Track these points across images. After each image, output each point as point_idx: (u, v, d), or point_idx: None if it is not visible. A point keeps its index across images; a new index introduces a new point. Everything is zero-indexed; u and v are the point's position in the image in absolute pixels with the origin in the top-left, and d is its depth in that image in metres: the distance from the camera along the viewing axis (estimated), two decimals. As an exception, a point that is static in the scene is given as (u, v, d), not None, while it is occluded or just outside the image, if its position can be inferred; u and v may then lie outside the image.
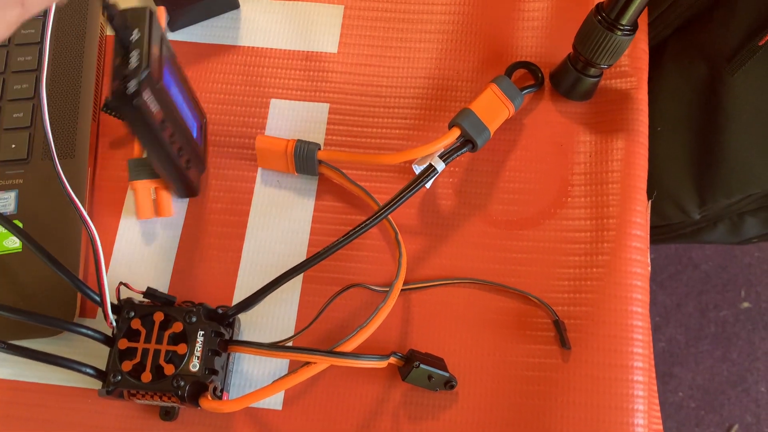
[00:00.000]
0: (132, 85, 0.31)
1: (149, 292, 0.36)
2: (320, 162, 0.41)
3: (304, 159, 0.41)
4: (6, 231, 0.40)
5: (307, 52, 0.46)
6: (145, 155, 0.41)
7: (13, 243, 0.40)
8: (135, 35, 0.32)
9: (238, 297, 0.40)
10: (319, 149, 0.41)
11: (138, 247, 0.41)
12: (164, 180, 0.40)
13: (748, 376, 1.17)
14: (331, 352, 0.34)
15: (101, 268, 0.34)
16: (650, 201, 0.44)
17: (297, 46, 0.46)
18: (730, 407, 1.15)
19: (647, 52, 0.45)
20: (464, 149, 0.39)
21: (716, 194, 0.57)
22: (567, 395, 0.37)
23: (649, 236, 0.41)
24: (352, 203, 0.42)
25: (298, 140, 0.41)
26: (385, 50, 0.46)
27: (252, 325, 0.39)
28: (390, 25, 0.47)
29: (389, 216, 0.38)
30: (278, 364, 0.39)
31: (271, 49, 0.46)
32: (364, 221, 0.37)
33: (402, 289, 0.39)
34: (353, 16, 0.47)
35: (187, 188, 0.41)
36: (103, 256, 0.34)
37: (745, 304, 1.21)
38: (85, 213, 0.34)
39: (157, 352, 0.34)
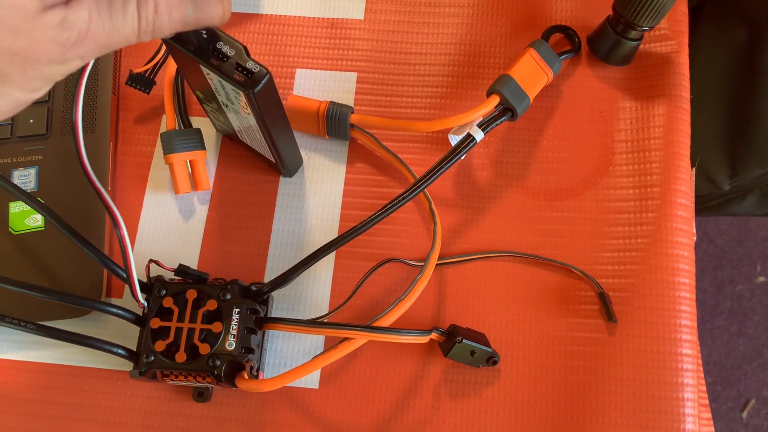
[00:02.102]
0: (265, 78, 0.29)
1: (181, 269, 0.35)
2: (352, 126, 0.40)
3: (336, 121, 0.39)
4: (27, 209, 0.39)
5: (333, 19, 0.44)
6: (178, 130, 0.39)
7: (35, 221, 0.39)
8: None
9: (270, 273, 0.39)
10: (352, 113, 0.39)
11: (164, 223, 0.40)
12: (278, 159, 0.38)
13: (764, 350, 1.16)
14: (371, 327, 0.33)
15: (127, 249, 0.32)
16: (694, 168, 0.42)
17: (322, 13, 0.44)
18: (746, 382, 1.14)
19: (687, 14, 0.43)
20: (503, 118, 0.37)
21: (749, 164, 0.55)
22: (613, 370, 0.36)
23: (694, 204, 0.39)
24: (384, 171, 0.41)
25: (331, 102, 0.39)
26: (413, 16, 0.44)
27: (285, 303, 0.38)
28: (418, -10, 0.45)
29: (425, 188, 0.37)
30: (313, 342, 0.37)
31: (295, 17, 0.44)
32: (401, 195, 0.35)
33: (438, 264, 0.38)
34: (379, -18, 0.45)
35: (296, 164, 0.40)
36: (128, 235, 0.33)
37: (761, 279, 1.20)
38: (106, 194, 0.32)
39: (191, 331, 0.33)
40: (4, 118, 0.23)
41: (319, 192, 0.40)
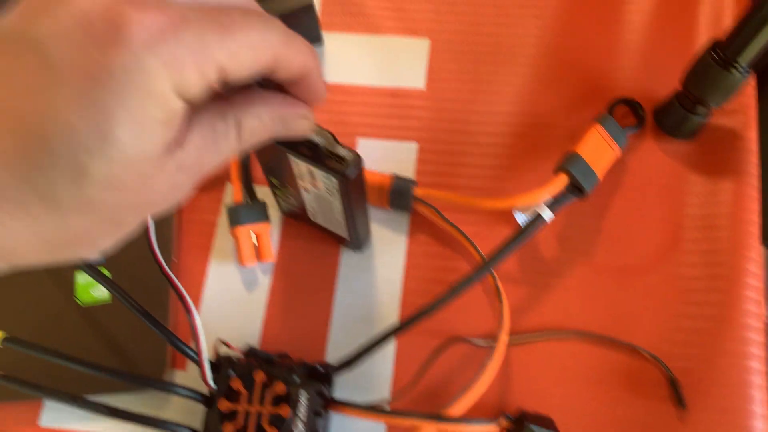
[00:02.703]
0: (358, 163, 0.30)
1: (250, 351, 0.35)
2: (415, 199, 0.40)
3: (399, 195, 0.39)
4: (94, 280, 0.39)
5: (394, 88, 0.44)
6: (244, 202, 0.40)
7: (101, 292, 0.39)
8: None
9: (332, 346, 0.39)
10: (416, 186, 0.39)
11: (228, 294, 0.40)
12: (353, 236, 0.38)
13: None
14: (438, 417, 0.32)
15: (199, 337, 0.32)
16: (764, 247, 0.41)
17: (383, 82, 0.44)
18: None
19: (755, 87, 0.42)
20: (572, 197, 0.37)
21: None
22: (685, 459, 0.35)
23: (764, 285, 0.39)
24: (446, 243, 0.40)
25: (395, 175, 0.39)
26: (475, 84, 0.44)
27: (345, 379, 0.38)
28: (479, 58, 0.45)
29: (490, 266, 0.36)
30: (375, 423, 0.37)
31: (357, 86, 0.44)
32: (468, 277, 0.35)
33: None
34: (440, 50, 0.45)
35: (368, 239, 0.40)
36: (198, 316, 0.33)
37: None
38: (176, 281, 0.33)
39: (259, 415, 0.33)
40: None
41: (381, 264, 0.40)
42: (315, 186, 0.33)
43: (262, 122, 0.24)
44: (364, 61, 0.45)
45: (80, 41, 0.18)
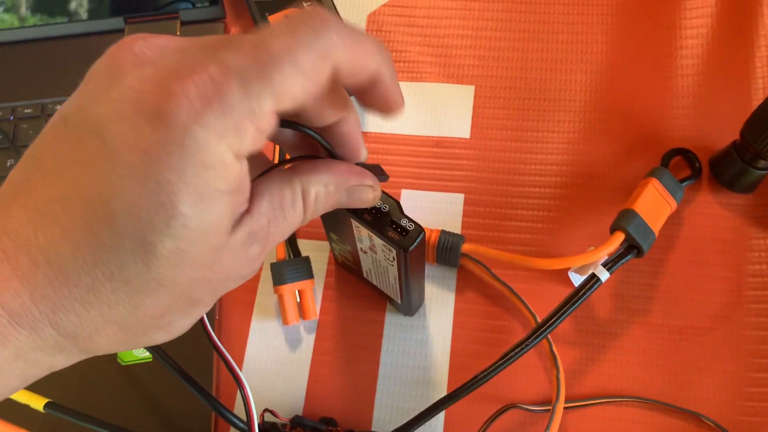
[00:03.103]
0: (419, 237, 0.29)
1: (297, 421, 0.34)
2: (463, 255, 0.38)
3: (447, 250, 0.38)
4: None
5: (438, 137, 0.43)
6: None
7: (143, 351, 0.38)
8: None
9: (378, 409, 0.37)
10: (464, 242, 0.38)
11: (271, 353, 0.39)
12: (406, 302, 0.37)
13: None
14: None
15: (250, 404, 0.31)
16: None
17: (427, 131, 0.43)
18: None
19: (816, 135, 0.40)
20: (629, 256, 0.36)
21: None
22: None
23: (834, 348, 0.37)
24: (495, 301, 0.39)
25: (443, 231, 0.38)
26: (521, 133, 0.43)
27: (394, 445, 0.37)
28: (525, 105, 0.43)
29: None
30: (427, 491, 0.36)
31: (400, 135, 0.43)
32: (522, 341, 0.33)
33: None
34: (485, 96, 0.44)
35: (416, 309, 0.39)
36: (248, 384, 0.32)
37: None
38: (229, 357, 0.32)
39: (308, 489, 0.32)
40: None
41: (428, 322, 0.39)
42: (373, 251, 0.32)
43: (328, 191, 0.23)
44: (408, 109, 0.44)
45: (132, 119, 0.18)
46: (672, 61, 0.43)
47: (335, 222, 0.33)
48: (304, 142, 0.26)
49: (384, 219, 0.29)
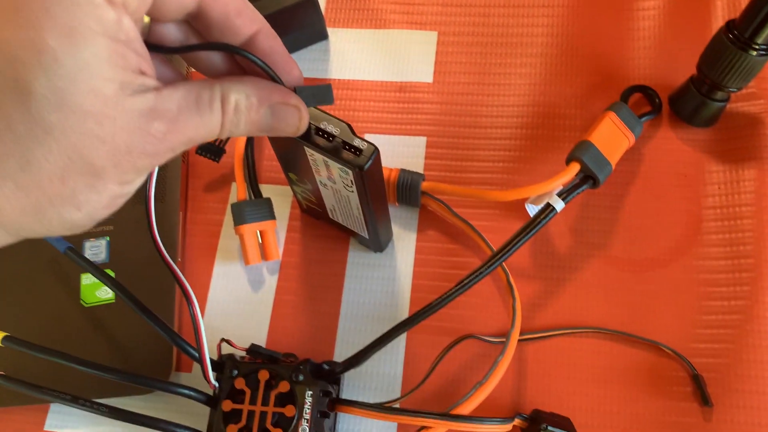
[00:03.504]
0: (373, 154, 0.29)
1: (253, 349, 0.34)
2: (423, 194, 0.39)
3: (407, 189, 0.38)
4: (98, 281, 0.38)
5: (401, 82, 0.43)
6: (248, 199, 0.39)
7: (106, 293, 0.38)
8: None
9: (340, 346, 0.38)
10: (424, 180, 0.38)
11: (234, 294, 0.39)
12: (374, 236, 0.37)
13: None
14: (449, 415, 0.31)
15: (200, 330, 0.31)
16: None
17: (389, 77, 0.44)
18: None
19: (777, 70, 0.40)
20: (584, 186, 0.36)
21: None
22: (711, 459, 0.33)
23: (792, 277, 0.37)
24: (456, 238, 0.39)
25: (402, 169, 0.38)
26: (483, 77, 0.43)
27: (355, 380, 0.37)
28: (487, 50, 0.44)
29: (501, 260, 0.35)
30: (387, 423, 0.36)
31: (363, 81, 0.44)
32: (477, 269, 0.34)
33: (518, 340, 0.36)
34: (448, 42, 0.44)
35: (385, 243, 0.39)
36: (200, 310, 0.32)
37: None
38: (179, 271, 0.32)
39: (263, 415, 0.32)
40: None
41: (390, 261, 0.39)
42: (332, 180, 0.32)
43: (250, 102, 0.23)
44: (370, 56, 0.44)
45: None
46: (632, 3, 0.43)
47: (293, 158, 0.33)
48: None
49: (337, 142, 0.29)
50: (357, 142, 0.29)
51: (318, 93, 0.26)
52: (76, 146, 0.19)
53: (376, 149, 0.29)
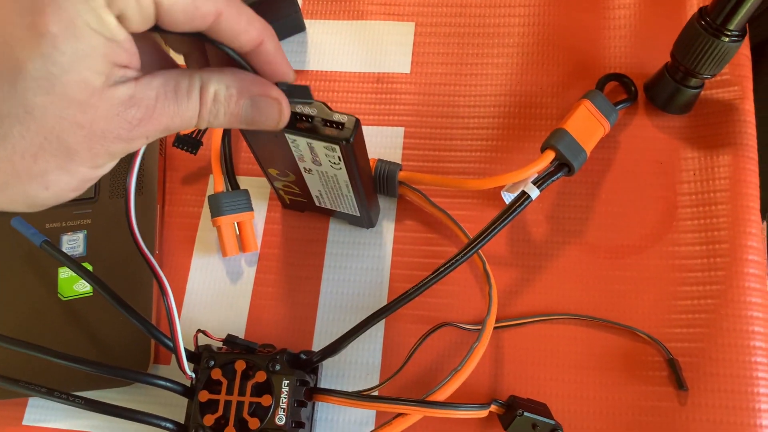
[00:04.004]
0: (356, 125, 0.29)
1: (229, 339, 0.34)
2: (401, 183, 0.39)
3: (384, 179, 0.38)
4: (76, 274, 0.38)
5: (379, 73, 0.43)
6: (224, 191, 0.39)
7: (84, 287, 0.38)
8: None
9: (319, 337, 0.38)
10: (401, 170, 0.38)
11: (212, 286, 0.39)
12: (365, 211, 0.37)
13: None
14: (425, 402, 0.31)
15: (174, 320, 0.31)
16: (765, 222, 0.40)
17: (367, 68, 0.44)
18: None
19: (750, 57, 0.41)
20: (559, 174, 0.36)
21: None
22: (686, 443, 0.34)
23: (767, 261, 0.37)
24: (434, 228, 0.39)
25: (379, 159, 0.38)
26: (461, 68, 0.43)
27: (334, 369, 0.37)
28: (465, 40, 0.44)
29: (478, 248, 0.35)
30: (366, 411, 0.36)
31: (341, 72, 0.44)
32: (453, 257, 0.34)
33: (496, 327, 0.36)
34: (425, 33, 0.44)
35: (375, 217, 0.39)
36: (175, 298, 0.32)
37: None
38: (155, 263, 0.32)
39: (240, 405, 0.32)
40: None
41: (368, 251, 0.39)
42: (317, 162, 0.32)
43: (230, 93, 0.23)
44: (348, 47, 0.44)
45: None
46: (609, -8, 0.44)
47: (272, 152, 0.33)
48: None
49: (317, 121, 0.29)
50: (337, 117, 0.29)
51: (298, 91, 0.27)
52: (54, 129, 0.19)
53: (357, 120, 0.29)
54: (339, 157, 0.30)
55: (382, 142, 0.42)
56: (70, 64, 0.19)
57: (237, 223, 0.39)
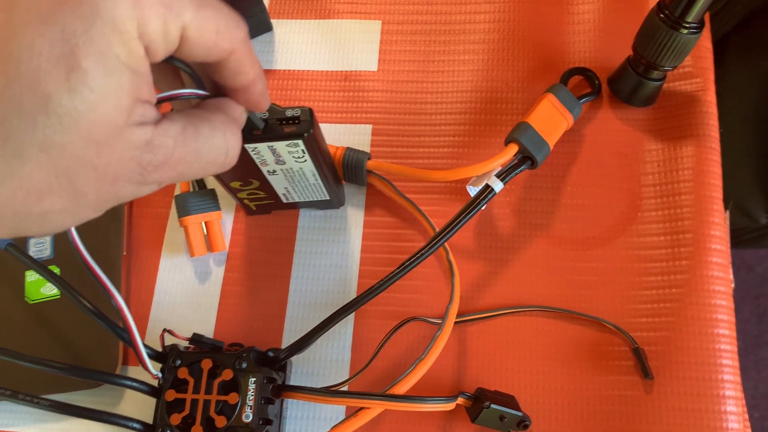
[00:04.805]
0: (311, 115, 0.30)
1: (195, 338, 0.34)
2: (369, 172, 0.39)
3: (352, 168, 0.38)
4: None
5: (346, 71, 0.43)
6: (192, 190, 0.39)
7: (51, 289, 0.38)
8: None
9: (288, 334, 0.38)
10: (369, 159, 0.38)
11: (180, 287, 0.39)
12: (333, 192, 0.37)
13: (814, 382, 1.11)
14: (391, 396, 0.32)
15: (127, 320, 0.31)
16: (727, 211, 0.40)
17: (335, 66, 0.44)
18: (796, 416, 1.09)
19: (711, 49, 0.41)
20: (523, 167, 0.36)
21: (787, 196, 0.53)
22: (652, 430, 0.34)
23: (729, 250, 0.37)
24: (402, 218, 0.40)
25: (348, 148, 0.38)
26: (427, 65, 0.43)
27: (304, 366, 0.37)
28: (431, 38, 0.44)
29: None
30: (335, 407, 0.36)
31: (308, 71, 0.44)
32: (419, 251, 0.34)
33: (461, 321, 0.37)
34: (392, 31, 0.44)
35: (342, 194, 0.39)
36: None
37: (806, 305, 1.16)
38: (98, 270, 0.31)
39: (207, 403, 0.32)
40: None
41: (337, 248, 0.39)
42: (281, 162, 0.32)
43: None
44: (315, 46, 0.44)
45: None
46: (572, -13, 0.44)
47: (232, 168, 0.32)
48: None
49: (271, 123, 0.29)
50: (290, 113, 0.29)
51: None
52: (67, 169, 0.18)
53: (310, 109, 0.29)
54: (303, 151, 0.30)
55: (351, 140, 0.42)
56: (97, 101, 0.18)
57: (204, 222, 0.39)
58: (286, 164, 0.32)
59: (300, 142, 0.30)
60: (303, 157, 0.31)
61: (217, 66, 0.23)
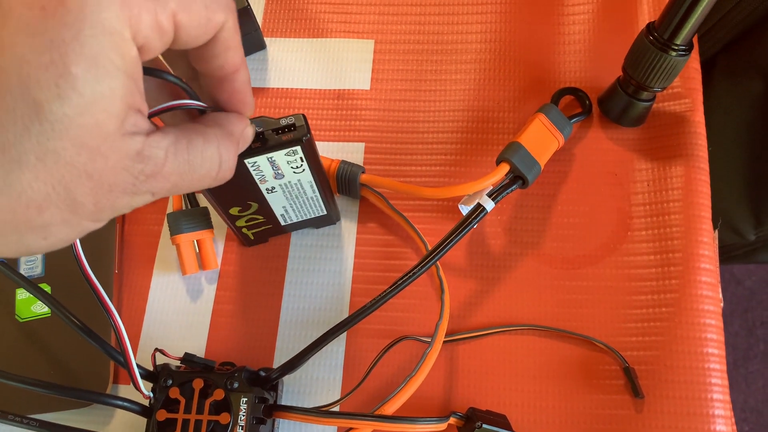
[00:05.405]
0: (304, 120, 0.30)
1: (187, 358, 0.34)
2: (363, 186, 0.39)
3: (346, 181, 0.39)
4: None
5: (339, 90, 0.44)
6: (182, 208, 0.39)
7: (42, 308, 0.38)
8: None
9: (280, 353, 0.38)
10: (363, 172, 0.39)
11: (172, 305, 0.39)
12: (330, 205, 0.37)
13: (803, 395, 1.11)
14: (383, 417, 0.32)
15: (123, 339, 0.31)
16: (716, 230, 0.40)
17: (328, 84, 0.44)
18: (786, 430, 1.10)
19: (699, 70, 0.42)
20: (514, 186, 0.36)
21: (775, 214, 0.54)
22: (643, 450, 0.34)
23: (718, 269, 0.38)
24: (394, 234, 0.40)
25: (342, 161, 0.39)
26: (419, 84, 0.44)
27: (296, 386, 0.37)
28: (423, 57, 0.44)
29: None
30: (326, 427, 0.36)
31: (301, 89, 0.44)
32: (411, 269, 0.34)
33: (452, 340, 0.37)
34: (385, 50, 0.45)
35: (336, 209, 0.39)
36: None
37: (795, 319, 1.16)
38: (99, 286, 0.31)
39: (198, 423, 0.32)
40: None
41: (330, 266, 0.39)
42: (280, 175, 0.32)
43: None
44: (308, 64, 0.45)
45: None
46: (563, 9, 0.45)
47: (230, 187, 0.32)
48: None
49: (267, 134, 0.29)
50: (284, 121, 0.30)
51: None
52: (63, 178, 0.18)
53: (303, 115, 0.30)
54: (301, 158, 0.31)
55: (344, 157, 0.42)
56: (86, 105, 0.18)
57: (197, 240, 0.39)
58: (285, 177, 0.32)
59: (298, 148, 0.30)
60: (302, 165, 0.32)
61: (209, 46, 0.23)
